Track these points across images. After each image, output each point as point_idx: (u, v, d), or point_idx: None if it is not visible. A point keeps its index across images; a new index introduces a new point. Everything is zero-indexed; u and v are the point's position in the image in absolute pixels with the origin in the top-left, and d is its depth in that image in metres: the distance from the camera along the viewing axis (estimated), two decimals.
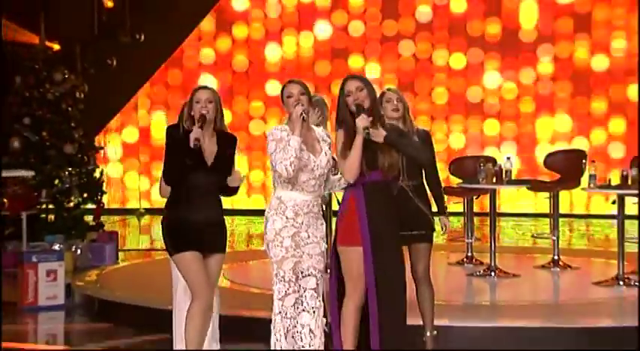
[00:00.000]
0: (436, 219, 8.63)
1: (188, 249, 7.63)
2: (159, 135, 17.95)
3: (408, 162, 8.34)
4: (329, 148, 7.76)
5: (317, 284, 7.72)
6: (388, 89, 8.69)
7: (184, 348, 7.99)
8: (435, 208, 8.64)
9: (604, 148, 18.28)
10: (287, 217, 7.72)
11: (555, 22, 19.07)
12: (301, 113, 7.53)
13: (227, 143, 7.79)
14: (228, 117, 8.27)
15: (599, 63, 18.86)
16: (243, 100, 19.24)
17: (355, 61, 19.35)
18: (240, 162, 17.79)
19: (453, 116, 19.38)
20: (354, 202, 7.65)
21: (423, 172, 8.55)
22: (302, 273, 7.73)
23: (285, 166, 7.50)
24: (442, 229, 8.64)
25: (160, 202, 8.17)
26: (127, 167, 19.16)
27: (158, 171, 8.27)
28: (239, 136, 8.19)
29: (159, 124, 18.34)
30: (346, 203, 7.70)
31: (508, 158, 12.49)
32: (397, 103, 8.51)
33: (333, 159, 7.76)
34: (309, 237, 7.73)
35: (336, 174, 7.90)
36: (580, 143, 18.10)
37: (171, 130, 7.71)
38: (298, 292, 7.74)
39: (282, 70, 19.13)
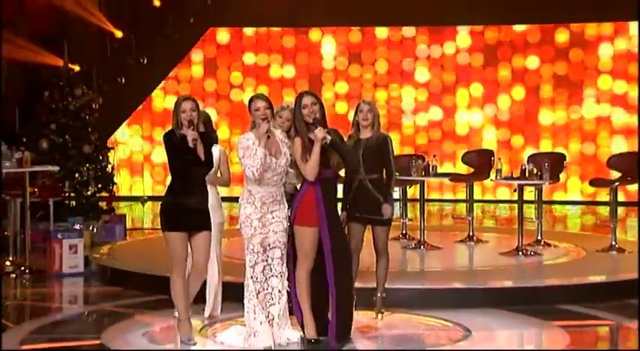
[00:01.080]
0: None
1: (176, 230, 7.73)
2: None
3: (366, 159, 8.34)
4: (287, 150, 7.73)
5: (282, 254, 7.78)
6: (363, 101, 8.56)
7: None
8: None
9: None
10: (256, 206, 7.73)
11: None
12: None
13: (209, 141, 7.86)
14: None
15: None
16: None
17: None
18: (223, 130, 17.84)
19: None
20: (313, 193, 7.68)
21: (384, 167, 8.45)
22: (269, 246, 7.77)
23: (252, 172, 7.54)
24: (383, 213, 8.37)
25: (158, 191, 8.33)
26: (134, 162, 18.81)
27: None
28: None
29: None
30: (305, 194, 7.70)
31: (434, 156, 12.67)
32: (367, 113, 8.36)
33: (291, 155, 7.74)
34: (273, 218, 7.74)
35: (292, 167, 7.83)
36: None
37: (169, 136, 7.73)
38: (266, 261, 7.78)
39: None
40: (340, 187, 8.19)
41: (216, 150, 8.30)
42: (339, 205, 8.12)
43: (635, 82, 16.99)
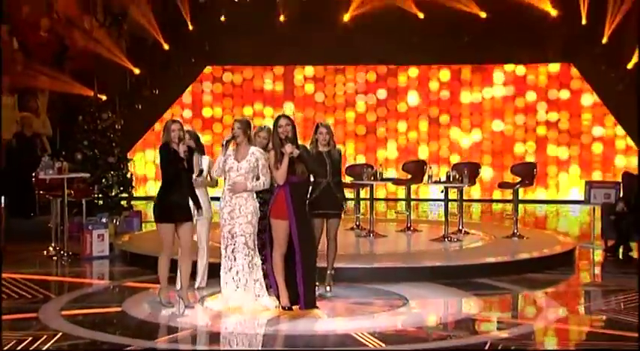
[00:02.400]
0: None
1: (165, 222, 7.90)
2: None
3: (334, 167, 8.42)
4: (255, 161, 7.83)
5: (246, 240, 7.86)
6: (321, 124, 8.56)
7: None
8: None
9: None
10: (226, 201, 7.90)
11: None
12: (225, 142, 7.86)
13: (191, 152, 7.99)
14: None
15: None
16: None
17: None
18: None
19: None
20: (283, 194, 7.75)
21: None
22: (236, 234, 7.88)
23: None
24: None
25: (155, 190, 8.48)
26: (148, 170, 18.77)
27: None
28: None
29: None
30: (277, 194, 7.78)
31: (380, 165, 12.77)
32: (326, 135, 8.41)
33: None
34: (240, 212, 7.86)
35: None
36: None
37: (164, 149, 7.90)
38: (233, 245, 7.89)
39: None
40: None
41: (205, 160, 8.47)
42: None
43: None
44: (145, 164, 17.85)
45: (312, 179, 8.14)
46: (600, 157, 17.03)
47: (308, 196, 8.10)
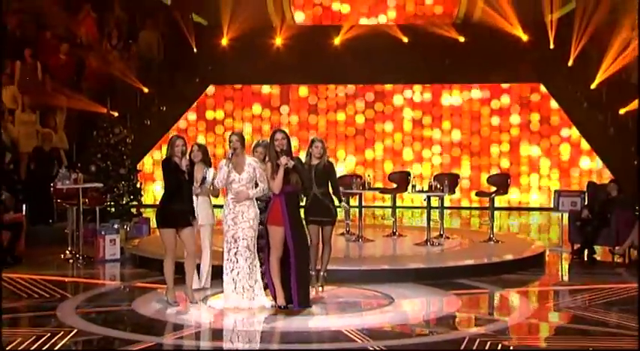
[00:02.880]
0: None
1: (167, 227, 7.98)
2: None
3: (317, 178, 8.41)
4: (253, 170, 7.85)
5: (247, 243, 7.86)
6: (316, 139, 8.63)
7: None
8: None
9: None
10: (230, 208, 7.90)
11: None
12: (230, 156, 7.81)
13: (192, 165, 8.09)
14: None
15: None
16: None
17: None
18: None
19: None
20: (279, 202, 7.77)
21: (330, 183, 8.52)
22: (239, 238, 7.87)
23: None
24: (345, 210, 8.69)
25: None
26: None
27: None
28: None
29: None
30: (273, 203, 7.81)
31: (368, 175, 12.68)
32: (320, 149, 8.47)
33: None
34: (242, 218, 7.87)
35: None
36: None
37: (167, 162, 7.99)
38: (236, 248, 7.88)
39: None
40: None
41: (210, 171, 8.46)
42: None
43: None
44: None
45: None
46: (568, 156, 16.87)
47: (302, 203, 8.12)
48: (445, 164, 17.14)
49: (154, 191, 16.89)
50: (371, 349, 6.68)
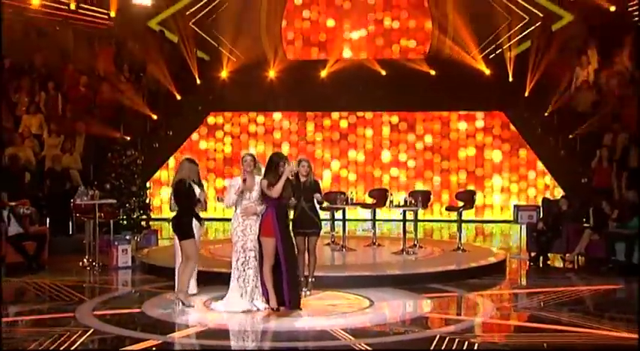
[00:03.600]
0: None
1: (191, 238, 7.98)
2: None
3: (304, 193, 8.38)
4: (259, 187, 7.83)
5: (255, 254, 7.83)
6: (303, 159, 8.59)
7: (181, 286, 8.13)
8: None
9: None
10: (239, 221, 7.86)
11: None
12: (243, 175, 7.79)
13: (201, 187, 8.18)
14: None
15: None
16: None
17: None
18: None
19: None
20: (271, 215, 7.75)
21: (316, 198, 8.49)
22: (247, 249, 7.84)
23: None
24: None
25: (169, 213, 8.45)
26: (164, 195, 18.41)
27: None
28: None
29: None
30: (266, 215, 7.77)
31: (351, 192, 12.62)
32: (307, 168, 8.47)
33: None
34: (250, 231, 7.84)
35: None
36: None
37: (180, 183, 7.99)
38: (245, 258, 7.85)
39: None
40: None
41: (202, 193, 8.28)
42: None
43: None
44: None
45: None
46: (525, 160, 16.91)
47: (290, 216, 8.10)
48: (419, 166, 17.09)
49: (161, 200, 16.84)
50: (353, 346, 6.67)
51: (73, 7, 16.70)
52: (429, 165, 17.23)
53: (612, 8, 15.88)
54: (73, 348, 6.67)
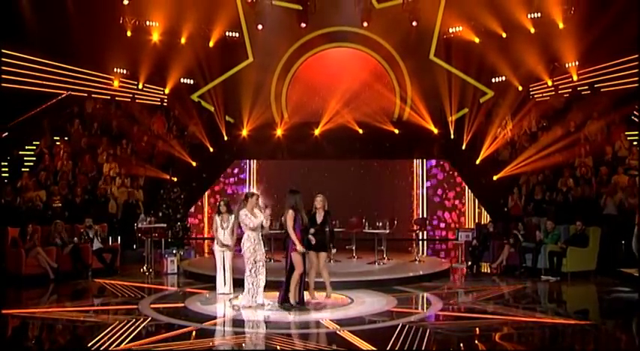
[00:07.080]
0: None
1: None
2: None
3: (321, 222, 8.00)
4: (263, 215, 7.67)
5: (263, 265, 7.78)
6: (319, 194, 8.12)
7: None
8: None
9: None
10: (251, 241, 7.75)
11: None
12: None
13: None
14: None
15: None
16: None
17: None
18: None
19: None
20: (299, 239, 7.66)
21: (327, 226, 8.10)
22: (258, 261, 7.78)
23: (253, 225, 7.64)
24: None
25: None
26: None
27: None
28: None
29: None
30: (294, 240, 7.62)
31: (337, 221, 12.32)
32: (322, 202, 8.08)
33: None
34: (260, 246, 7.80)
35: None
36: None
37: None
38: (256, 267, 7.76)
39: None
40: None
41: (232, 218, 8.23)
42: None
43: None
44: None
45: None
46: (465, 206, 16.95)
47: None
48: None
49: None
50: (338, 331, 6.68)
51: (140, 86, 16.96)
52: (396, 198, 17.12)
53: (520, 88, 16.25)
54: (137, 330, 6.76)
